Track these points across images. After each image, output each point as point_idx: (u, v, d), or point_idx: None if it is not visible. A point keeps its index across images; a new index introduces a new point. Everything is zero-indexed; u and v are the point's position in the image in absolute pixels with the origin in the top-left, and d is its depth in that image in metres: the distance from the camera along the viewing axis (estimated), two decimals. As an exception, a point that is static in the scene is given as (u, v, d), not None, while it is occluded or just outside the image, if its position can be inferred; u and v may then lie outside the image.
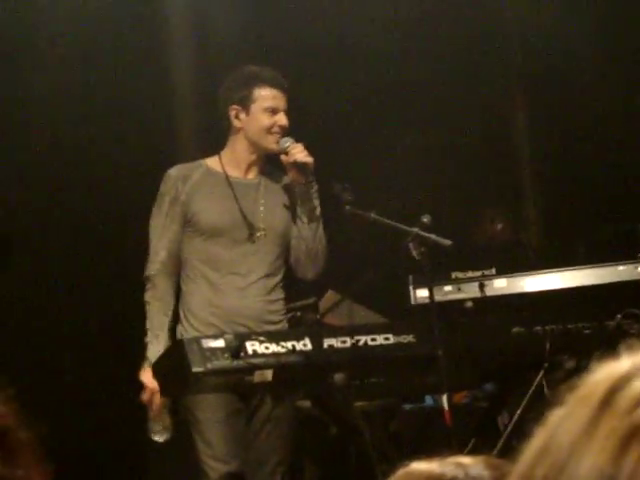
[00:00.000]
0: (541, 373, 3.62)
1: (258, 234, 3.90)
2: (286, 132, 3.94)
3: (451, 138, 6.04)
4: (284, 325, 3.94)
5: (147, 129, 5.40)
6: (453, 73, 5.96)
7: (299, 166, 3.87)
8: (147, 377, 3.74)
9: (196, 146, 5.19)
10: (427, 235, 3.69)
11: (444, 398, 3.51)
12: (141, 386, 3.77)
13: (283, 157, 3.91)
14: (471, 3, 5.90)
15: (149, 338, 3.79)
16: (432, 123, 6.01)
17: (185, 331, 3.80)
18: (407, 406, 5.01)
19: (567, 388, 0.84)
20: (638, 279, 4.44)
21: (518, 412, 3.71)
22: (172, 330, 3.85)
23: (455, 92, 5.92)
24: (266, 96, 3.91)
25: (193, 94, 5.54)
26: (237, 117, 3.94)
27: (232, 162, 3.99)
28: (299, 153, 3.86)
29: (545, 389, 3.63)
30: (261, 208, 3.95)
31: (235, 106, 3.94)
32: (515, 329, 3.69)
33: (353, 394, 3.64)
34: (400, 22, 5.83)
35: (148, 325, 3.82)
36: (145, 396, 3.77)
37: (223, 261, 3.87)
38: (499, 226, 5.50)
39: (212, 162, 4.02)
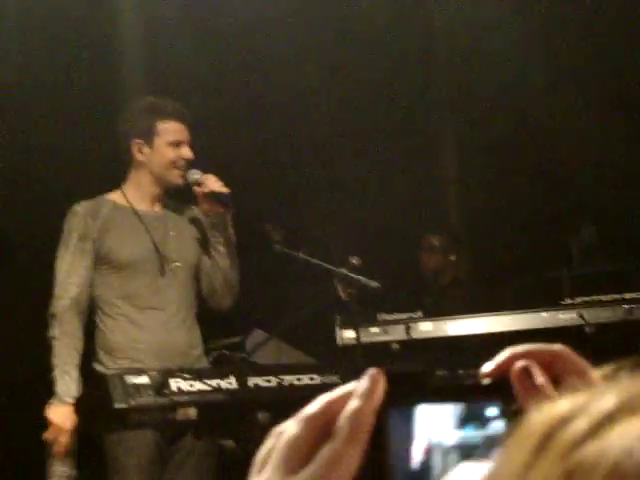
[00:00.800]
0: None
1: (172, 266, 3.87)
2: (190, 165, 3.91)
3: (381, 178, 6.11)
4: (203, 358, 3.92)
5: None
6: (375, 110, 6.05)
7: (215, 196, 3.85)
8: (54, 413, 3.62)
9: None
10: (355, 276, 3.72)
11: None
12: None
13: (196, 189, 3.86)
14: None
15: (57, 373, 3.65)
16: (364, 160, 6.07)
17: (106, 368, 3.71)
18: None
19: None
20: (560, 326, 4.53)
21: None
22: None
23: (383, 127, 6.01)
24: (170, 129, 3.88)
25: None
26: (140, 151, 3.89)
27: (137, 196, 3.94)
28: (214, 183, 3.85)
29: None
30: (172, 240, 3.93)
31: (137, 140, 3.88)
32: (439, 372, 3.72)
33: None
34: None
35: (55, 361, 3.68)
36: (50, 434, 3.63)
37: (140, 296, 3.82)
38: (446, 257, 5.57)
39: (117, 197, 3.96)
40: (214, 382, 3.47)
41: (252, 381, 3.53)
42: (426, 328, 4.60)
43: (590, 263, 5.47)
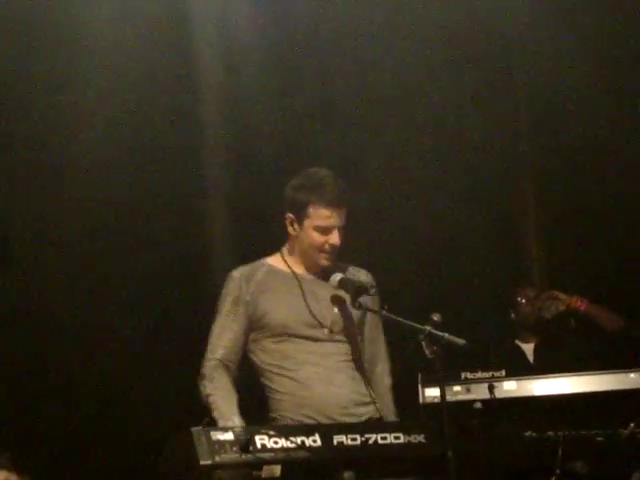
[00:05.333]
0: (553, 479, 3.56)
1: (328, 332, 3.90)
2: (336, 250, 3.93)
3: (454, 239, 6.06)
4: (372, 407, 3.91)
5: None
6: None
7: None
8: None
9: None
10: (440, 334, 3.66)
11: (453, 500, 3.44)
12: None
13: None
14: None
15: (222, 425, 3.69)
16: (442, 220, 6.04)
17: None
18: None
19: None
20: (649, 387, 4.43)
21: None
22: None
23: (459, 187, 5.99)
24: (319, 215, 3.90)
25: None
26: (292, 225, 3.96)
27: (293, 260, 3.99)
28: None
29: (556, 496, 3.57)
30: (328, 305, 3.95)
31: (290, 215, 3.95)
32: (527, 433, 3.64)
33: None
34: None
35: (216, 415, 3.74)
36: None
37: (295, 358, 3.87)
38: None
39: (274, 260, 4.02)
40: (299, 439, 3.44)
41: (337, 439, 3.48)
42: (510, 387, 4.52)
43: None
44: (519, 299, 5.62)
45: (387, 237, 5.88)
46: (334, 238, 3.89)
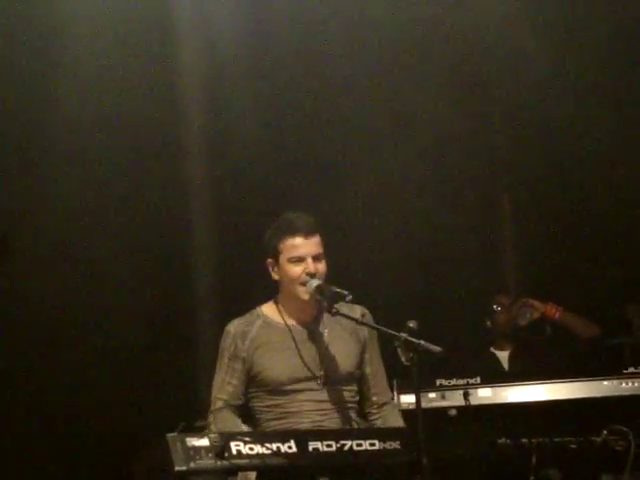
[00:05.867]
0: (526, 486, 3.58)
1: (319, 382, 3.95)
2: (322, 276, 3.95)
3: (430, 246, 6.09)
4: None
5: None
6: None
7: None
8: None
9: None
10: (416, 341, 3.67)
11: (428, 507, 3.45)
12: None
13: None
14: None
15: None
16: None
17: None
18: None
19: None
20: (622, 395, 4.45)
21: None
22: None
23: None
24: (289, 247, 3.95)
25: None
26: (273, 270, 4.00)
27: (286, 310, 4.04)
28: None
29: (530, 503, 3.59)
30: (324, 355, 3.99)
31: (269, 260, 4.01)
32: (501, 440, 3.66)
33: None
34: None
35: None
36: None
37: (292, 408, 3.93)
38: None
39: (269, 310, 4.06)
40: (274, 445, 3.44)
41: (312, 445, 3.49)
42: (485, 394, 4.54)
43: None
44: (494, 307, 5.65)
45: (365, 244, 5.89)
46: (309, 266, 3.92)
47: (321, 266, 3.97)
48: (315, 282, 3.94)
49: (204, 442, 3.37)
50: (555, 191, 6.07)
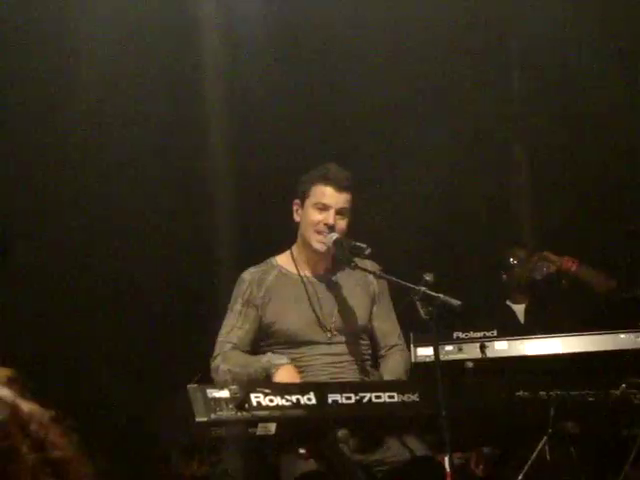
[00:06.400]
0: (544, 439, 3.59)
1: (332, 335, 3.98)
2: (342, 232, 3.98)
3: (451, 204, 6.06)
4: None
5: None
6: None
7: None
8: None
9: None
10: (435, 294, 3.67)
11: (446, 459, 3.47)
12: None
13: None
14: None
15: (257, 368, 3.84)
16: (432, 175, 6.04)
17: None
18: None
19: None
20: (638, 348, 4.46)
21: (520, 478, 3.67)
22: None
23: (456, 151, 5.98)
24: (317, 192, 3.98)
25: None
26: (297, 212, 4.04)
27: (301, 260, 4.05)
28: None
29: (547, 455, 3.60)
30: (336, 308, 4.02)
31: (297, 201, 4.04)
32: (519, 393, 3.66)
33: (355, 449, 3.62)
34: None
35: (247, 370, 3.86)
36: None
37: (304, 360, 3.96)
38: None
39: (284, 260, 4.08)
40: (294, 397, 3.46)
41: (331, 397, 3.51)
42: (501, 347, 4.55)
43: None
44: (510, 260, 5.64)
45: (380, 201, 5.88)
46: (329, 218, 3.93)
47: (342, 222, 3.98)
48: (334, 235, 3.95)
49: (224, 394, 3.40)
50: (571, 141, 6.03)
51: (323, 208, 3.96)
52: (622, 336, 4.49)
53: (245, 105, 5.66)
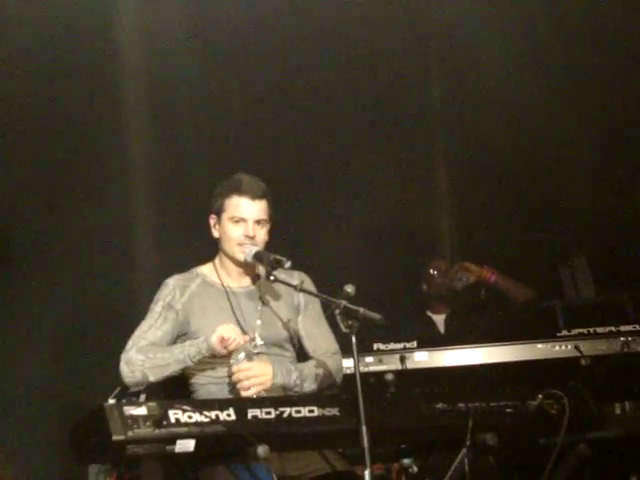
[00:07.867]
0: (463, 451, 3.62)
1: (256, 345, 3.93)
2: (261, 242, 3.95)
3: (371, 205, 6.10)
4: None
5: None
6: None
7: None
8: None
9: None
10: (355, 308, 3.66)
11: (367, 473, 3.47)
12: None
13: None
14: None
15: (177, 356, 3.81)
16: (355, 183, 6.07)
17: None
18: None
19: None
20: (555, 357, 4.53)
21: (439, 490, 3.69)
22: None
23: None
24: (232, 205, 3.94)
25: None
26: (214, 227, 3.99)
27: (223, 271, 4.02)
28: None
29: (466, 467, 3.62)
30: (259, 318, 3.97)
31: (212, 216, 4.00)
32: (438, 405, 3.68)
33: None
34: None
35: (167, 360, 3.82)
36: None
37: (224, 371, 3.91)
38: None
39: (208, 270, 4.05)
40: (213, 414, 3.42)
41: (251, 413, 3.48)
42: (422, 358, 4.58)
43: (583, 294, 5.48)
44: (431, 271, 5.69)
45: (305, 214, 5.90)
46: (248, 230, 3.90)
47: (262, 232, 3.96)
48: (254, 249, 3.93)
49: (142, 411, 3.34)
50: (489, 156, 6.10)
51: (240, 221, 3.93)
52: (539, 346, 4.55)
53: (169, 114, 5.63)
